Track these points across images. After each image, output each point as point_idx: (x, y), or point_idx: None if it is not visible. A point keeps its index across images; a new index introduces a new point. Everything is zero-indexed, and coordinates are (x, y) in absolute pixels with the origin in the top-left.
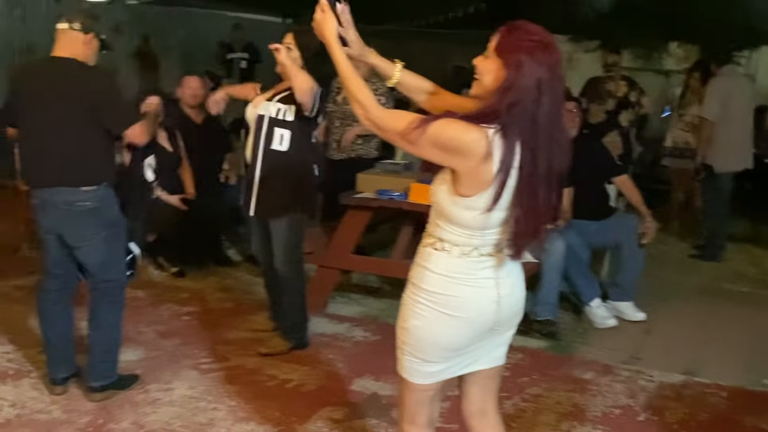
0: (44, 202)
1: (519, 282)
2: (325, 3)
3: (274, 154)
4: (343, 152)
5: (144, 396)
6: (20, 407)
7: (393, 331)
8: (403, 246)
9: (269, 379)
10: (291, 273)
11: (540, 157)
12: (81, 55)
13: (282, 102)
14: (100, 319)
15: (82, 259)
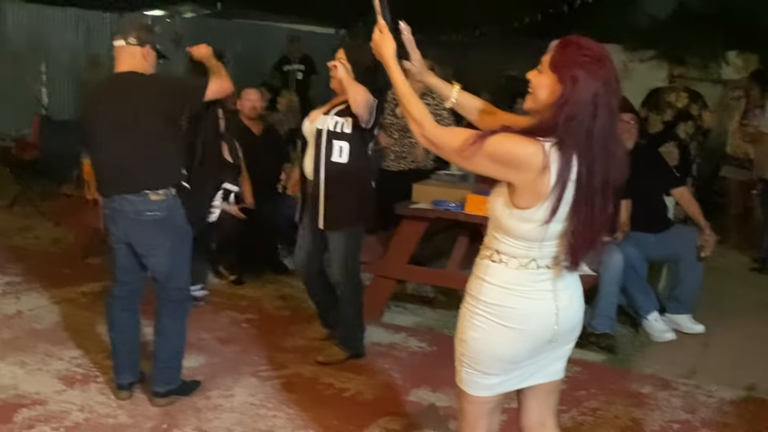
0: (114, 212)
1: (577, 295)
2: (383, 24)
3: (335, 167)
4: (402, 164)
5: (206, 402)
6: (88, 411)
7: (449, 341)
8: (459, 257)
9: (326, 388)
10: (349, 284)
11: (596, 169)
12: (140, 67)
13: (339, 115)
14: (166, 326)
15: (149, 267)
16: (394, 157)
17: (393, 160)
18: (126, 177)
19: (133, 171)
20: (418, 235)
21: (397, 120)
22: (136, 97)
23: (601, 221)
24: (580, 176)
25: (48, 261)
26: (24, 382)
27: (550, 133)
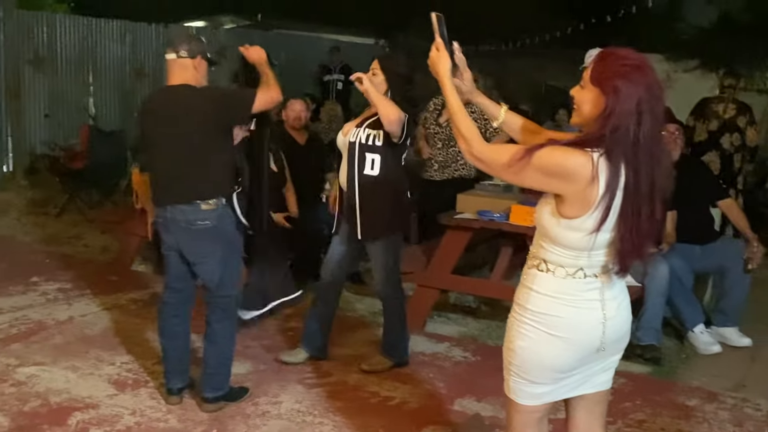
0: (167, 221)
1: (625, 305)
2: (440, 42)
3: (368, 179)
4: (446, 173)
5: (254, 408)
6: (139, 415)
7: (493, 352)
8: (503, 267)
9: (372, 396)
10: (391, 293)
11: (642, 175)
12: (192, 79)
13: (371, 127)
14: (215, 333)
15: (200, 274)
16: (437, 167)
17: (437, 170)
18: (178, 187)
19: (185, 182)
20: (462, 245)
21: (441, 129)
22: (188, 110)
23: (649, 228)
24: (628, 184)
25: (97, 268)
26: (77, 387)
27: (598, 144)
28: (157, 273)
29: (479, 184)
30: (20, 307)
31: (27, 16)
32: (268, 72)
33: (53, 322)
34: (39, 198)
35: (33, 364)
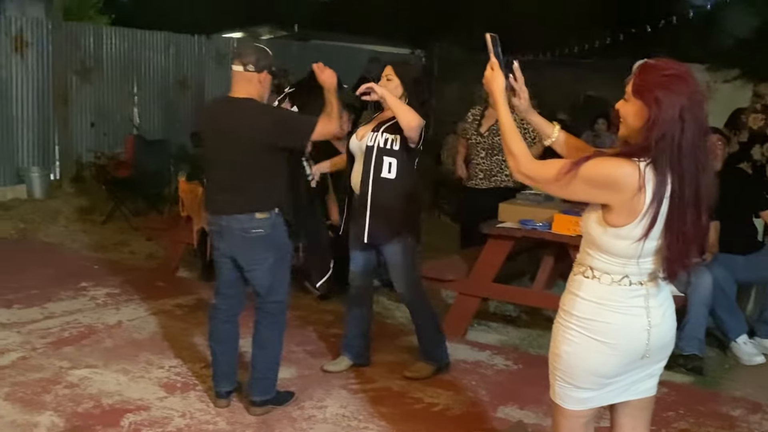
0: (222, 228)
1: (670, 313)
2: (495, 62)
3: (384, 182)
4: (493, 182)
5: (300, 412)
6: (189, 417)
7: (534, 360)
8: (545, 276)
9: (415, 402)
10: (414, 295)
11: (687, 182)
12: (256, 93)
13: (388, 131)
14: (264, 338)
15: (251, 280)
16: (483, 175)
17: (482, 179)
18: (235, 198)
19: (242, 193)
20: (504, 254)
21: (483, 139)
22: (250, 127)
23: (695, 234)
24: (674, 191)
25: (143, 274)
26: (128, 389)
27: (644, 154)
28: (201, 279)
29: (521, 194)
30: (71, 311)
31: (74, 28)
32: (334, 102)
33: (103, 326)
34: (85, 205)
35: (85, 367)
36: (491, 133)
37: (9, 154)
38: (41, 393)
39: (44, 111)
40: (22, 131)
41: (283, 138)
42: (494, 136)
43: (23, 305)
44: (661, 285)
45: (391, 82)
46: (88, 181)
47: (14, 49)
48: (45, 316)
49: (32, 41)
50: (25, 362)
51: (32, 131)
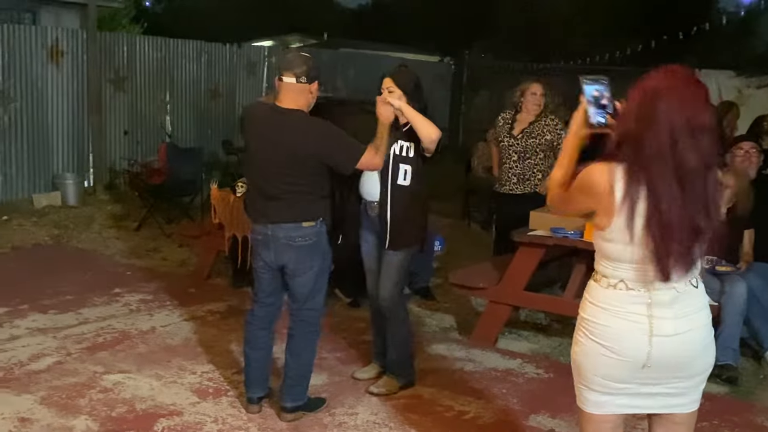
0: (266, 237)
1: (695, 327)
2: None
3: (400, 189)
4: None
5: (331, 419)
6: (221, 423)
7: (566, 369)
8: (576, 285)
9: (446, 410)
10: (397, 302)
11: (663, 182)
12: (305, 104)
13: (404, 139)
14: (299, 345)
15: (293, 287)
16: (516, 180)
17: (516, 183)
18: (282, 207)
19: (289, 203)
20: (535, 262)
21: (516, 141)
22: (300, 141)
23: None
24: (650, 190)
25: (175, 280)
26: (161, 394)
27: (617, 156)
28: (233, 286)
29: None
30: (105, 317)
31: (108, 37)
32: (385, 136)
33: (136, 331)
34: (119, 212)
35: (119, 372)
36: (524, 135)
37: (44, 161)
38: (76, 397)
39: (79, 119)
40: (57, 139)
41: (330, 158)
42: (527, 138)
43: (59, 311)
44: (681, 296)
45: (393, 94)
46: (121, 189)
47: (50, 59)
48: (80, 321)
49: (67, 51)
50: (60, 367)
51: (67, 139)
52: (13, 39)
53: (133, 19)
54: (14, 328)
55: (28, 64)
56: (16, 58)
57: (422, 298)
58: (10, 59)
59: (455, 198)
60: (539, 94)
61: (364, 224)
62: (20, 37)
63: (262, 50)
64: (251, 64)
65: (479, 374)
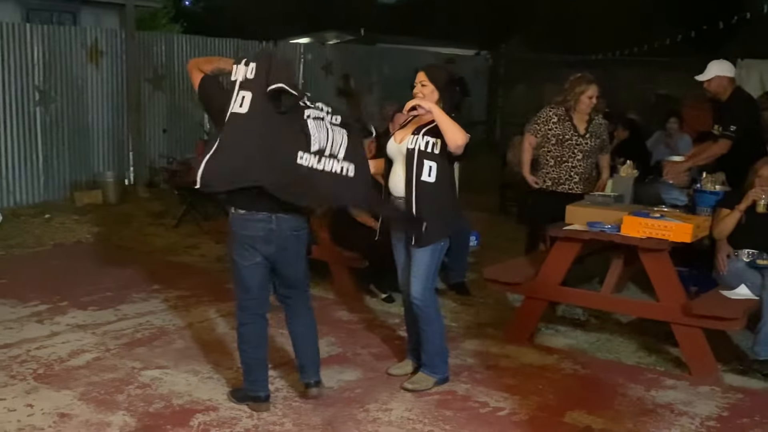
0: (270, 232)
1: None
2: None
3: (424, 186)
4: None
5: (365, 414)
6: (256, 419)
7: (603, 365)
8: (613, 280)
9: (481, 406)
10: (429, 300)
11: None
12: None
13: (429, 135)
14: (309, 322)
15: (292, 275)
16: (578, 179)
17: (577, 183)
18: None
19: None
20: (572, 257)
21: (583, 140)
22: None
23: None
24: None
25: (212, 277)
26: (197, 389)
27: None
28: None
29: (589, 195)
30: (143, 313)
31: (146, 37)
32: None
33: (174, 327)
34: (158, 210)
35: (156, 368)
36: (591, 135)
37: (85, 160)
38: (114, 393)
39: (118, 118)
40: (97, 138)
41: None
42: (594, 138)
43: (98, 307)
44: None
45: (426, 88)
46: (160, 186)
47: (89, 59)
48: (119, 317)
49: (106, 51)
50: (99, 363)
51: (107, 138)
52: (54, 40)
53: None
54: (54, 325)
55: (68, 65)
56: (56, 58)
57: (458, 294)
58: (50, 60)
59: (491, 192)
60: (596, 97)
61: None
62: (60, 38)
63: (297, 47)
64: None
65: (515, 370)
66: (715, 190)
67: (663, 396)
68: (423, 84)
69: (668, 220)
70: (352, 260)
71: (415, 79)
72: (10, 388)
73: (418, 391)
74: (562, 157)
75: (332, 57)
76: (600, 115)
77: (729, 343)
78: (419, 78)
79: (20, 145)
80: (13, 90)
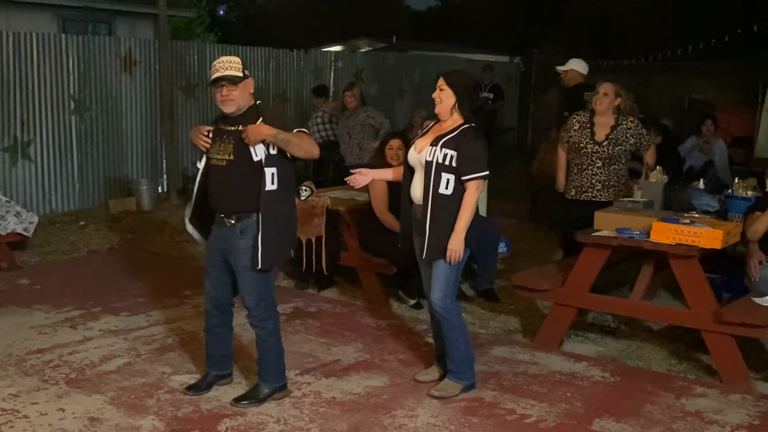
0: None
1: None
2: None
3: (441, 198)
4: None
5: (391, 420)
6: (283, 424)
7: (633, 373)
8: (643, 286)
9: (508, 413)
10: (451, 307)
11: None
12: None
13: (447, 147)
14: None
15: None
16: (601, 186)
17: (600, 190)
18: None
19: None
20: (601, 263)
21: (600, 148)
22: None
23: None
24: None
25: None
26: (225, 395)
27: None
28: (298, 288)
29: (618, 201)
30: (174, 318)
31: (179, 46)
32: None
33: (202, 333)
34: None
35: (186, 373)
36: (610, 143)
37: (119, 168)
38: (144, 398)
39: (152, 126)
40: (131, 146)
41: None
42: (614, 146)
43: (130, 313)
44: None
45: (443, 92)
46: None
47: (123, 68)
48: (150, 323)
49: (140, 60)
50: (130, 367)
51: (141, 146)
52: (88, 50)
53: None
54: (87, 330)
55: (103, 74)
56: (91, 68)
57: (486, 300)
58: (85, 69)
59: (521, 198)
60: (602, 93)
61: (415, 226)
62: (95, 48)
63: (328, 55)
64: (318, 69)
65: (543, 377)
66: (747, 195)
67: (693, 404)
68: (441, 89)
69: (698, 226)
70: (381, 266)
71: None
72: (43, 392)
73: (445, 397)
74: (581, 165)
75: (362, 64)
76: (630, 118)
77: (761, 351)
78: (438, 83)
79: (56, 154)
80: (48, 99)
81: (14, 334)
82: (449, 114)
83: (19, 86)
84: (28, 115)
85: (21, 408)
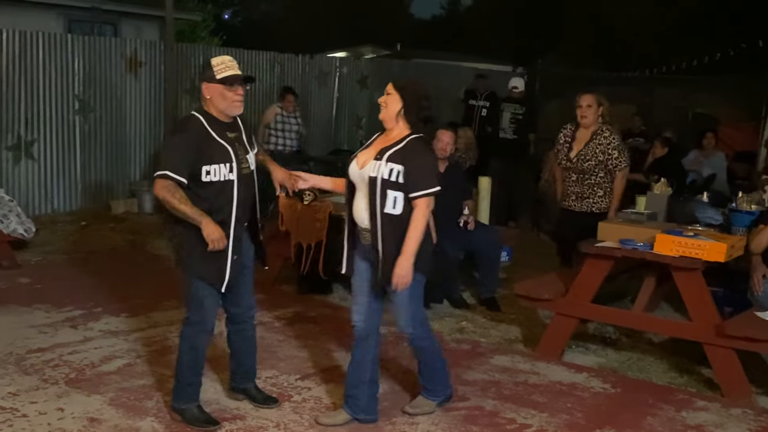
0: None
1: None
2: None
3: (390, 218)
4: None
5: (391, 428)
6: (283, 428)
7: (634, 384)
8: (646, 298)
9: (508, 423)
10: (421, 333)
11: None
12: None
13: (392, 161)
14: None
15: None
16: (575, 197)
17: (574, 201)
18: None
19: None
20: (603, 274)
21: (572, 165)
22: None
23: None
24: None
25: None
26: (225, 398)
27: None
28: (299, 292)
29: (621, 212)
30: (174, 320)
31: (185, 49)
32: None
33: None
34: None
35: None
36: (579, 159)
37: (122, 169)
38: (143, 399)
39: (156, 128)
40: (134, 147)
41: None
42: (582, 162)
43: (130, 314)
44: None
45: (390, 96)
46: None
47: (128, 70)
48: (150, 325)
49: (145, 62)
50: (130, 369)
51: (144, 147)
52: (93, 50)
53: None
54: (88, 330)
55: (108, 75)
56: (96, 68)
57: (488, 309)
58: (90, 70)
59: (524, 208)
60: (585, 105)
61: (360, 252)
62: (100, 49)
63: (333, 61)
64: (323, 74)
65: (543, 387)
66: (751, 209)
67: (694, 417)
68: (388, 93)
69: (702, 239)
70: None
71: (444, 96)
72: (42, 391)
73: (420, 414)
74: (564, 177)
75: (367, 71)
76: (606, 133)
77: (763, 365)
78: (388, 89)
79: (59, 154)
80: (53, 99)
81: (14, 332)
82: (395, 122)
83: (24, 85)
84: (32, 115)
85: (20, 407)
